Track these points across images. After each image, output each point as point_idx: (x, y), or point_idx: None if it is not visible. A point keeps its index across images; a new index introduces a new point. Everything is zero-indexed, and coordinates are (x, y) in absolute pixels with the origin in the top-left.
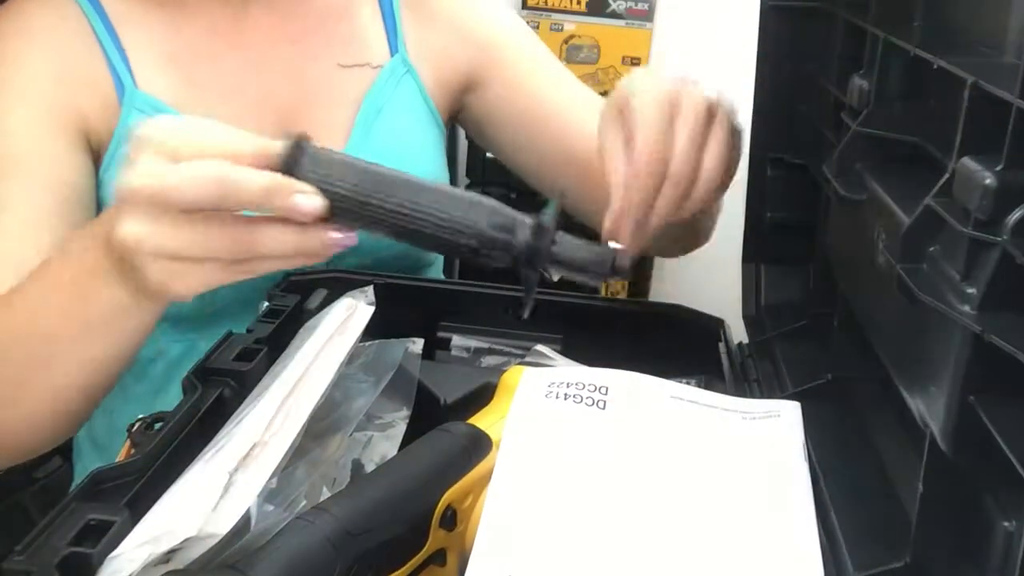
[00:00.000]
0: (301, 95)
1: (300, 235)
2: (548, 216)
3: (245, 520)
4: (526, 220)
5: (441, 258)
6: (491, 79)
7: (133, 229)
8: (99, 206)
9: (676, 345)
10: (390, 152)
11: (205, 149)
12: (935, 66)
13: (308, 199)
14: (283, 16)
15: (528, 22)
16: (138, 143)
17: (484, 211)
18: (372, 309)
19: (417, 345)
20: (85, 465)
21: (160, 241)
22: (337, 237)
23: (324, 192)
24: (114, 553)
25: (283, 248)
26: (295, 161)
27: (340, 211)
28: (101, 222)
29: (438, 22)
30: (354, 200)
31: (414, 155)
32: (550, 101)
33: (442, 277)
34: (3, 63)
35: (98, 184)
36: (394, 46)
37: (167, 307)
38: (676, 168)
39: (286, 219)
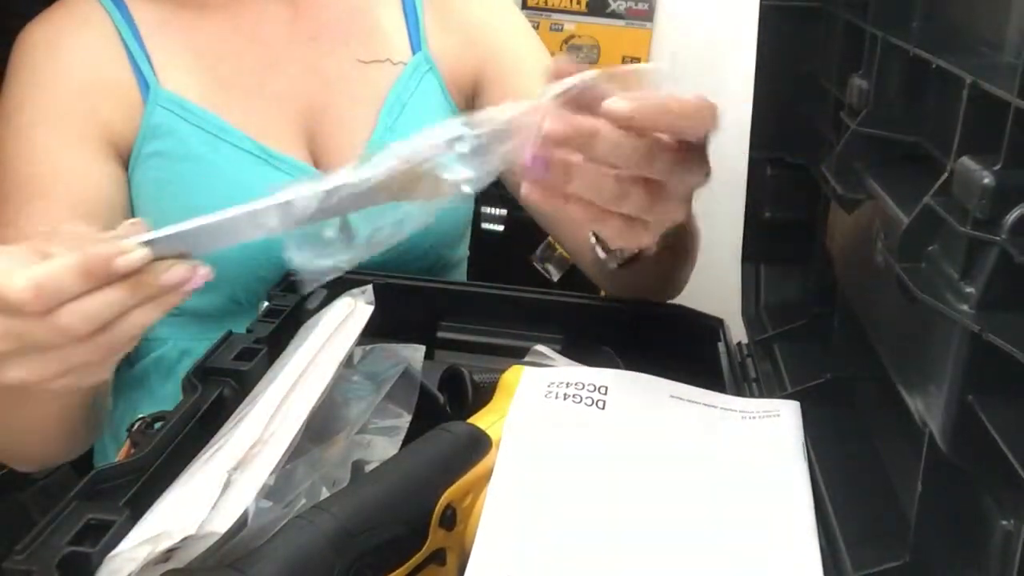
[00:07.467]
0: (324, 91)
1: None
2: None
3: (244, 519)
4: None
5: (465, 259)
6: (491, 88)
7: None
8: (131, 205)
9: (676, 345)
10: None
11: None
12: (934, 66)
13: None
14: (300, 12)
15: (528, 22)
16: None
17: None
18: (371, 309)
19: (419, 352)
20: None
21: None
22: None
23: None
24: (114, 552)
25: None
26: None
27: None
28: None
29: (454, 22)
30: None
31: None
32: None
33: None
34: (28, 80)
35: (128, 186)
36: (416, 43)
37: (194, 305)
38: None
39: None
